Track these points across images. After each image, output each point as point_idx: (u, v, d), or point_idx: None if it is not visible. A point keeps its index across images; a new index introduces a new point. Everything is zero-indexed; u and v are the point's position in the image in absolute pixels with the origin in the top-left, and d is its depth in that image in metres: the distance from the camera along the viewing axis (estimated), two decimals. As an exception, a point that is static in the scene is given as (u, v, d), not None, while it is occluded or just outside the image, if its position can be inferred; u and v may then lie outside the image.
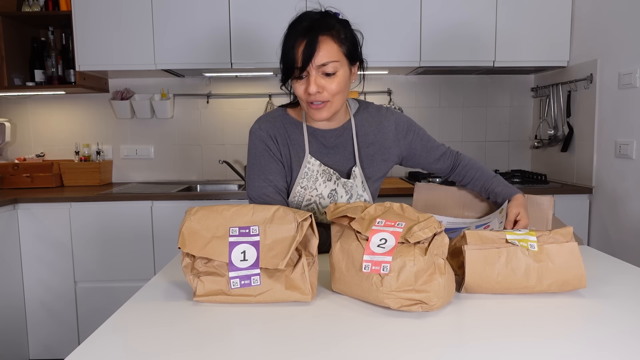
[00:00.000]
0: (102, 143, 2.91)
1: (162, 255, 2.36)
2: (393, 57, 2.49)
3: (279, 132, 1.24)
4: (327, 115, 1.15)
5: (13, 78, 2.58)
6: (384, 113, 1.30)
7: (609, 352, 0.68)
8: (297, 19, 1.12)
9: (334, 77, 1.10)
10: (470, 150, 2.97)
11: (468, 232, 0.92)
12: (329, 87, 1.10)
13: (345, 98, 1.18)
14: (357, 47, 1.18)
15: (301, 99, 1.15)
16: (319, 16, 1.11)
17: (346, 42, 1.12)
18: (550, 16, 2.50)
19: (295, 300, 0.89)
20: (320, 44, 1.07)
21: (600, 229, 2.31)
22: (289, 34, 1.11)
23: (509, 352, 0.68)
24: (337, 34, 1.10)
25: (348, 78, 1.15)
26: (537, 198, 1.29)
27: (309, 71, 1.09)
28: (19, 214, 2.31)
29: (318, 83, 1.10)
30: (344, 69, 1.12)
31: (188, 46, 2.47)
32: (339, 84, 1.11)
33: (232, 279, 0.87)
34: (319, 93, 1.11)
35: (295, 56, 1.09)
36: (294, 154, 1.24)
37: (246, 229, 0.89)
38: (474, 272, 0.90)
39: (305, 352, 0.69)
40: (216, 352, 0.69)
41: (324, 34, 1.08)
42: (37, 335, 2.38)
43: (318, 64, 1.08)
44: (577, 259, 0.90)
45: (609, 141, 2.22)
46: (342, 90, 1.13)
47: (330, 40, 1.09)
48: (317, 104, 1.13)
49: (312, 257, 0.92)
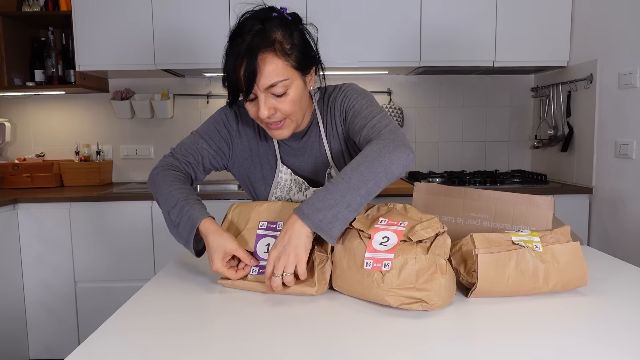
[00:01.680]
0: (102, 143, 2.91)
1: (162, 255, 2.36)
2: (393, 57, 2.49)
3: (250, 119, 1.14)
4: (288, 133, 1.05)
5: (13, 78, 2.58)
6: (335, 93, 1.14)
7: (617, 349, 0.68)
8: (234, 31, 0.98)
9: (285, 97, 0.99)
10: (470, 150, 2.97)
11: (476, 235, 0.91)
12: (281, 107, 0.99)
13: (304, 110, 1.07)
14: (310, 50, 1.03)
15: (256, 119, 1.05)
16: (259, 25, 0.96)
17: (294, 53, 0.98)
18: (550, 16, 2.50)
19: (302, 294, 0.91)
20: (262, 63, 0.94)
21: (600, 229, 2.31)
22: (228, 52, 0.97)
23: (510, 352, 0.68)
24: (280, 47, 0.96)
25: (302, 91, 1.02)
26: (537, 198, 1.29)
27: (255, 94, 0.98)
28: (19, 214, 2.31)
29: (269, 105, 0.98)
30: (296, 84, 1.00)
31: (188, 46, 2.47)
32: (292, 102, 1.00)
33: (253, 267, 0.97)
34: (272, 115, 1.00)
35: (237, 78, 0.96)
36: (262, 149, 1.17)
37: (274, 224, 0.99)
38: (486, 275, 0.88)
39: (304, 350, 0.69)
40: (216, 351, 0.69)
41: (264, 51, 0.94)
42: (37, 336, 2.38)
43: (264, 86, 0.96)
44: (580, 257, 0.91)
45: (609, 141, 2.22)
46: (298, 107, 1.02)
47: (274, 56, 0.95)
48: (276, 123, 1.03)
49: (325, 254, 0.93)
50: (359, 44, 2.46)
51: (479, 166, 2.98)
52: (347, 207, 0.87)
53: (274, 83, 0.96)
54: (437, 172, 2.87)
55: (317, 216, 0.86)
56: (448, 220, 1.37)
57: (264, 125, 1.06)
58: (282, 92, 0.98)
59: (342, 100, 1.12)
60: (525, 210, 1.27)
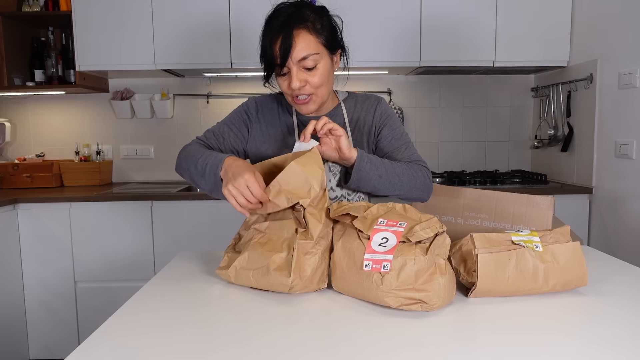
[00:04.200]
0: (102, 143, 2.91)
1: (162, 255, 2.36)
2: (393, 57, 2.49)
3: (269, 109, 1.27)
4: (314, 108, 1.15)
5: (13, 78, 2.58)
6: (372, 99, 1.29)
7: (617, 349, 0.68)
8: (271, 14, 1.11)
9: (315, 70, 1.10)
10: (470, 150, 2.97)
11: (476, 235, 0.91)
12: (311, 80, 1.10)
13: (329, 88, 1.17)
14: (336, 34, 1.16)
15: (286, 94, 1.15)
16: (293, 8, 1.09)
17: (323, 32, 1.10)
18: (550, 16, 2.50)
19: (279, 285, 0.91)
20: (297, 38, 1.06)
21: (600, 229, 2.31)
22: (265, 31, 1.10)
23: (510, 352, 0.68)
24: (312, 25, 1.08)
25: (330, 68, 1.14)
26: (537, 198, 1.29)
27: (289, 67, 1.08)
28: (19, 214, 2.31)
29: (300, 78, 1.09)
30: (325, 60, 1.11)
31: (188, 46, 2.47)
32: (321, 76, 1.11)
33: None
34: (302, 87, 1.10)
35: (273, 53, 1.08)
36: (279, 135, 1.25)
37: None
38: (486, 275, 0.88)
39: (303, 351, 0.69)
40: (216, 351, 0.69)
41: (299, 27, 1.07)
42: (37, 335, 2.38)
43: (297, 58, 1.07)
44: (580, 257, 0.91)
45: (609, 141, 2.22)
46: (325, 82, 1.13)
47: (307, 32, 1.07)
48: (303, 98, 1.12)
49: (310, 240, 0.92)
50: (359, 43, 2.46)
51: (479, 166, 2.98)
52: (379, 177, 1.09)
53: (306, 56, 1.07)
54: (437, 172, 2.87)
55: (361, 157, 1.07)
56: (448, 220, 1.37)
57: (291, 101, 1.16)
58: (312, 65, 1.09)
59: (382, 114, 1.26)
60: (525, 210, 1.27)
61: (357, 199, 1.32)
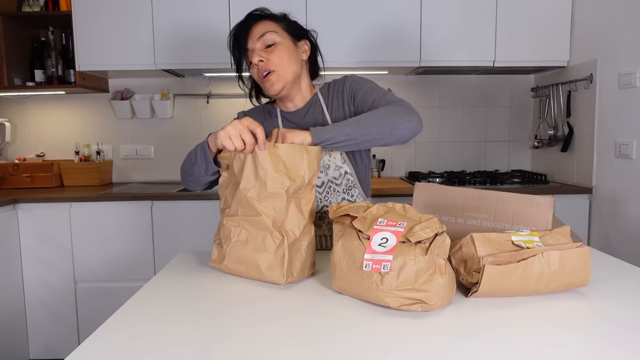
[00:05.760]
0: (102, 143, 2.91)
1: (162, 255, 2.36)
2: (393, 57, 2.49)
3: (257, 118, 1.34)
4: (279, 86, 1.20)
5: (13, 78, 2.58)
6: (341, 78, 1.32)
7: (616, 349, 0.68)
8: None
9: (274, 47, 1.18)
10: (470, 150, 2.97)
11: (476, 235, 0.91)
12: (271, 56, 1.18)
13: (294, 71, 1.22)
14: (301, 29, 1.26)
15: (258, 80, 1.23)
16: (255, 12, 1.23)
17: (284, 21, 1.22)
18: (550, 16, 2.50)
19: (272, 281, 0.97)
20: (256, 22, 1.19)
21: (600, 229, 2.31)
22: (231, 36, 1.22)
23: (510, 352, 0.68)
24: (272, 17, 1.22)
25: (293, 51, 1.22)
26: (537, 198, 1.28)
27: (251, 48, 1.19)
28: (19, 214, 2.31)
29: (260, 54, 1.18)
30: (285, 41, 1.20)
31: (188, 46, 2.47)
32: (280, 54, 1.18)
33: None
34: (262, 62, 1.18)
35: (237, 37, 1.20)
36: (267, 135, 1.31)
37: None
38: (490, 284, 0.88)
39: (303, 351, 0.69)
40: (216, 351, 0.69)
41: (258, 18, 1.21)
42: (37, 335, 2.38)
43: (256, 36, 1.18)
44: (586, 262, 0.89)
45: (609, 141, 2.22)
46: (287, 62, 1.19)
47: (266, 20, 1.20)
48: (265, 74, 1.19)
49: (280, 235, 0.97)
50: (359, 43, 2.46)
51: (479, 166, 2.98)
52: (348, 136, 1.07)
53: (264, 33, 1.18)
54: (437, 172, 2.87)
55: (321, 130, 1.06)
56: (448, 220, 1.37)
57: (261, 84, 1.23)
58: (271, 42, 1.19)
59: (351, 84, 1.27)
60: (525, 210, 1.27)
61: (359, 198, 1.32)
